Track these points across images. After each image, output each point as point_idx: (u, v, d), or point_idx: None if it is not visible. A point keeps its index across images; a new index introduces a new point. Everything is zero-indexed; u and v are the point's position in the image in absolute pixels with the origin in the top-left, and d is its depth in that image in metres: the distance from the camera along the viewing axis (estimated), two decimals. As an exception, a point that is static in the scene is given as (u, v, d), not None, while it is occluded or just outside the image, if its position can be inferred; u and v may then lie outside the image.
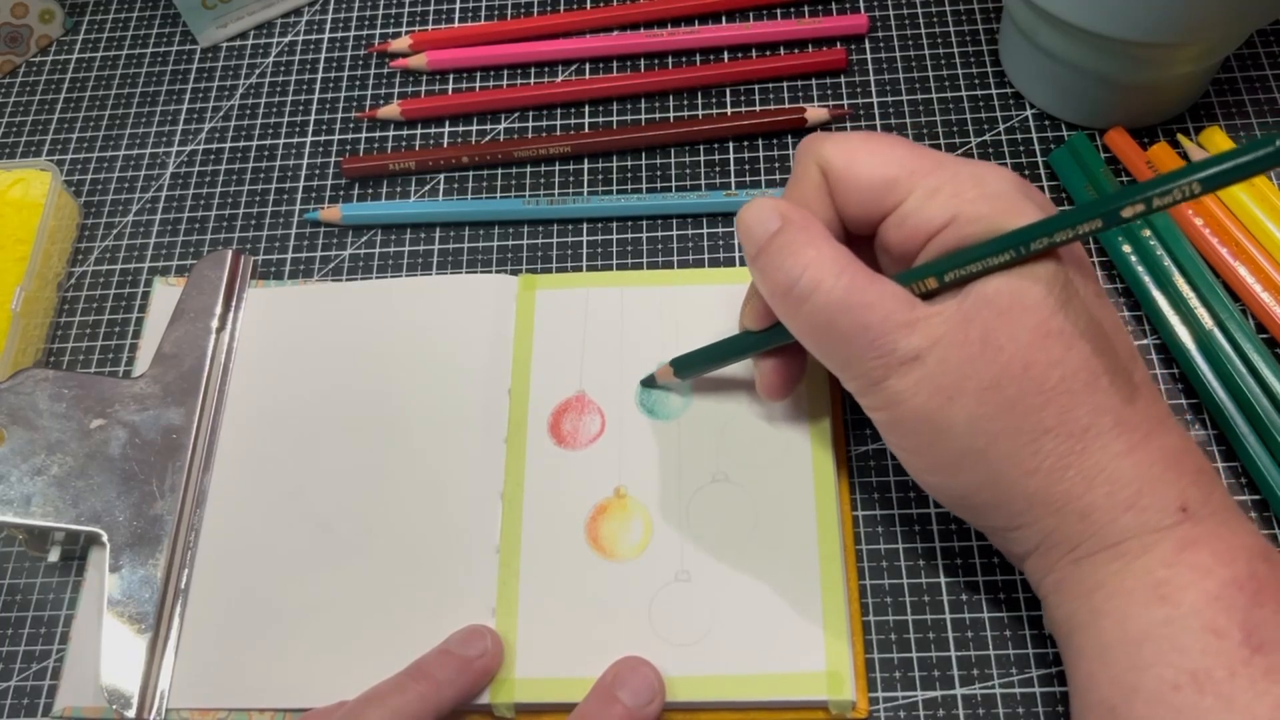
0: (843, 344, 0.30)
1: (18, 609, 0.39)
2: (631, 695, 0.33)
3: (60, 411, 0.40)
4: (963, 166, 0.30)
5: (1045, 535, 0.30)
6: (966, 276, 0.29)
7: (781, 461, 0.37)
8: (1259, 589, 0.27)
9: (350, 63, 0.50)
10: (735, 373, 0.39)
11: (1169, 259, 0.39)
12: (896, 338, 0.29)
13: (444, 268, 0.44)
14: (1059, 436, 0.28)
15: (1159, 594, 0.27)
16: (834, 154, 0.31)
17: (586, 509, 0.37)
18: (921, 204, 0.30)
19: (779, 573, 0.35)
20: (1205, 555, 0.28)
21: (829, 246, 0.30)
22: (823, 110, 0.46)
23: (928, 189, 0.30)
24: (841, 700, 0.34)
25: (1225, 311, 0.38)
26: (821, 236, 0.30)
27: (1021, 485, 0.29)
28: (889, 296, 0.29)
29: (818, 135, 0.32)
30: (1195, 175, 0.25)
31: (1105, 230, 0.27)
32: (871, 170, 0.31)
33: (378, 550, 0.37)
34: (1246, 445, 0.37)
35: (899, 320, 0.29)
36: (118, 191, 0.48)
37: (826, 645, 0.34)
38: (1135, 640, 0.27)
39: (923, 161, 0.30)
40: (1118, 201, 0.26)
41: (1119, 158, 0.43)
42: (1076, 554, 0.29)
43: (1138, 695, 0.27)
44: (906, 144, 0.31)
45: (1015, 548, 0.31)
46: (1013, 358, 0.28)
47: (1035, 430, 0.28)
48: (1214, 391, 0.38)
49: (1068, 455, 0.28)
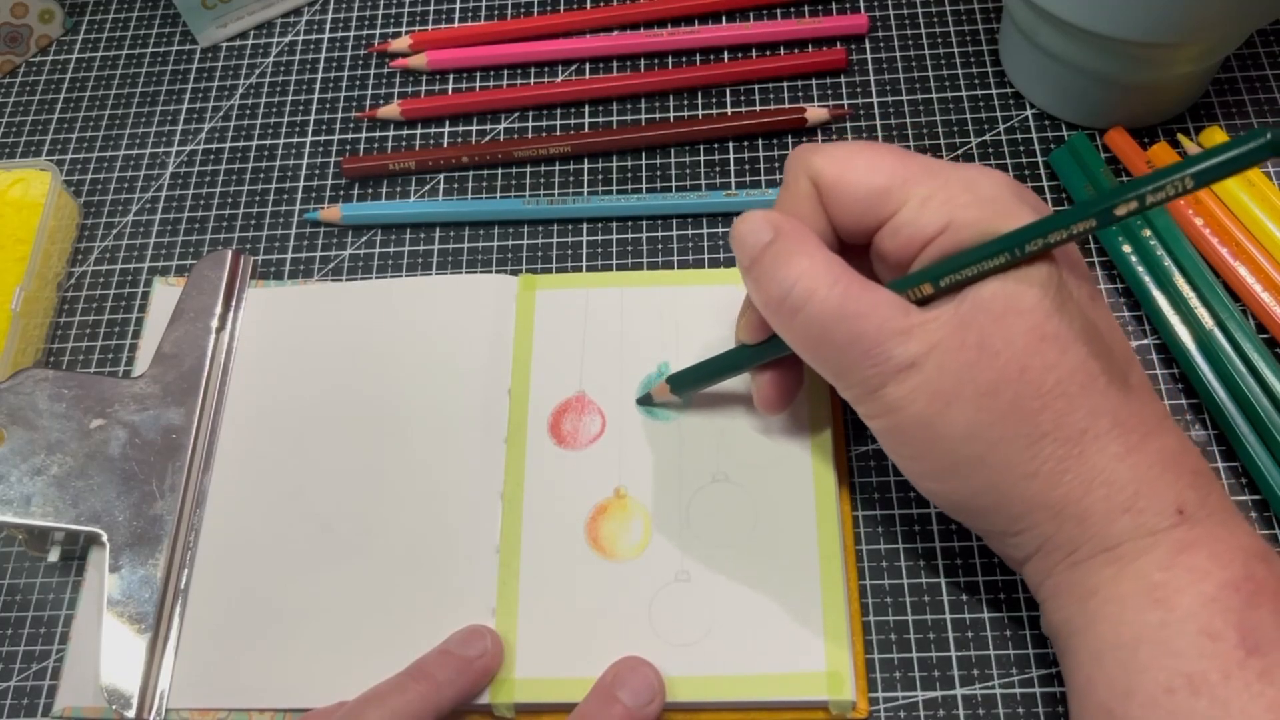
0: (838, 353, 0.30)
1: (18, 609, 0.39)
2: (631, 695, 0.33)
3: (60, 411, 0.40)
4: (955, 172, 0.30)
5: (1043, 540, 0.29)
6: (962, 281, 0.29)
7: (781, 461, 0.37)
8: (1255, 591, 0.27)
9: (350, 63, 0.50)
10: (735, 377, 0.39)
11: (1169, 259, 0.39)
12: (892, 345, 0.29)
13: (444, 268, 0.44)
14: (1056, 440, 0.28)
15: (1154, 598, 0.27)
16: (824, 165, 0.31)
17: (586, 509, 0.37)
18: (915, 212, 0.30)
19: (779, 573, 0.35)
20: (1202, 558, 0.28)
21: (821, 255, 0.30)
22: (823, 110, 0.46)
23: (920, 197, 0.30)
24: (841, 700, 0.33)
25: (1225, 311, 0.38)
26: (814, 246, 0.30)
27: (1020, 490, 0.29)
28: (883, 304, 0.29)
29: (807, 147, 0.32)
30: (1188, 170, 0.25)
31: (1100, 229, 0.27)
32: (863, 180, 0.31)
33: (378, 550, 0.37)
34: (1246, 445, 0.37)
35: (894, 328, 0.29)
36: (118, 191, 0.48)
37: (826, 645, 0.34)
38: (1130, 644, 0.27)
39: (914, 169, 0.30)
40: (1111, 200, 0.26)
41: (1119, 158, 0.43)
42: (1074, 558, 0.29)
43: (1133, 699, 0.27)
44: (897, 152, 0.31)
45: (1014, 552, 0.31)
46: (1009, 362, 0.28)
47: (1033, 434, 0.28)
48: (1214, 391, 0.38)
49: (1065, 459, 0.28)
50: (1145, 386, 0.30)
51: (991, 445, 0.29)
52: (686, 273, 0.42)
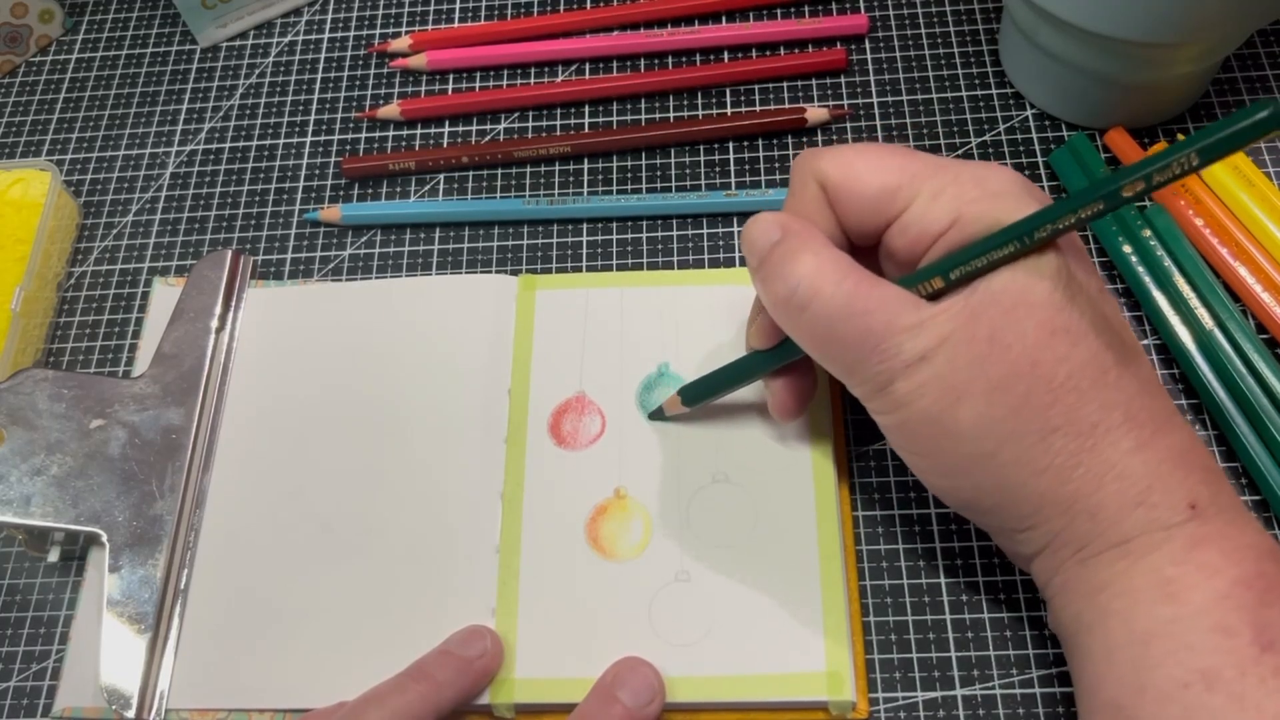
0: (846, 350, 0.30)
1: (18, 609, 0.39)
2: (631, 695, 0.33)
3: (60, 411, 0.40)
4: (964, 168, 0.30)
5: (1053, 536, 0.29)
6: (972, 273, 0.29)
7: (781, 461, 0.37)
8: (1267, 588, 0.27)
9: (350, 63, 0.50)
10: None
11: (1169, 259, 0.39)
12: (901, 340, 0.29)
13: (444, 268, 0.44)
14: (1068, 434, 0.28)
15: (1167, 592, 0.27)
16: (831, 167, 0.31)
17: (587, 509, 0.37)
18: (923, 208, 0.30)
19: (779, 573, 0.35)
20: (1214, 554, 0.27)
21: (829, 253, 0.30)
22: (823, 110, 0.46)
23: (930, 193, 0.30)
24: (841, 701, 0.33)
25: (1225, 311, 0.38)
26: (821, 244, 0.30)
27: (1031, 485, 0.29)
28: (892, 299, 0.29)
29: (812, 151, 0.32)
30: (1193, 146, 0.25)
31: (1108, 212, 0.27)
32: (871, 180, 0.31)
33: (378, 550, 0.37)
34: (1246, 445, 0.37)
35: (903, 323, 0.29)
36: (117, 191, 0.48)
37: (826, 645, 0.34)
38: (1142, 639, 0.27)
39: (921, 166, 0.30)
40: (1117, 181, 0.26)
41: (1119, 158, 0.43)
42: (1084, 554, 0.29)
43: (1146, 694, 0.27)
44: (904, 150, 0.31)
45: (1022, 549, 0.31)
46: (1020, 356, 0.28)
47: (1044, 429, 0.28)
48: (1214, 391, 0.38)
49: (1078, 453, 0.28)
50: (1154, 381, 0.30)
51: (1002, 441, 0.28)
52: (687, 273, 0.42)
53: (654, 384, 0.39)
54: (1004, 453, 0.29)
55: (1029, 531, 0.30)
